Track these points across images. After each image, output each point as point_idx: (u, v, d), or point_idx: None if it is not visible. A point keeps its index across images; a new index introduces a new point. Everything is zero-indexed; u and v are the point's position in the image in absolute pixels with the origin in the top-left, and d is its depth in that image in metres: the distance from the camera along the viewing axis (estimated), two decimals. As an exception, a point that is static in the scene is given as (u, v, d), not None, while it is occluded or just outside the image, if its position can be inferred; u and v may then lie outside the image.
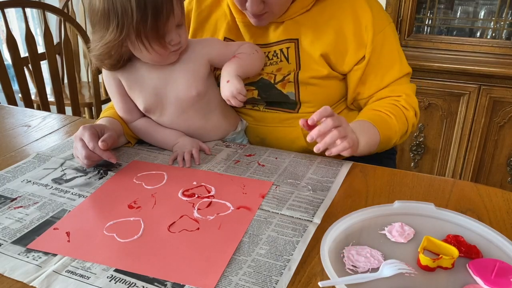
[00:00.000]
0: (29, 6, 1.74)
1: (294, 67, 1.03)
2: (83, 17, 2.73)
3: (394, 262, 0.63)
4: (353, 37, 0.99)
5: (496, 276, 0.61)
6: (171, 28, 0.87)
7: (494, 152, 1.94)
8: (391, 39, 1.02)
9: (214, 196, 0.82)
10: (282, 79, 1.03)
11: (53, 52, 1.77)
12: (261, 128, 1.09)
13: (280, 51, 1.03)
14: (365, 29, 0.98)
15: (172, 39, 0.88)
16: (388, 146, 1.00)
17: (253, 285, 0.61)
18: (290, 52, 1.02)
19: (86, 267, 0.65)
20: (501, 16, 1.92)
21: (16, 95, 1.69)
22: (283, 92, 1.03)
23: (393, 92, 1.02)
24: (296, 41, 1.02)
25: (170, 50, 0.90)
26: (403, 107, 1.00)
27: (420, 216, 0.75)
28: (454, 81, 1.86)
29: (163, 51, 0.89)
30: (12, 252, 0.68)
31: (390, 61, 1.01)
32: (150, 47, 0.87)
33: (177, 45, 0.91)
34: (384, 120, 0.97)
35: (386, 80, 1.02)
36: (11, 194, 0.84)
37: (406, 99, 1.01)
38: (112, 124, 0.99)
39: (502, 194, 0.83)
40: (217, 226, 0.74)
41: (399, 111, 1.00)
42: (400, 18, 1.96)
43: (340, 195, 0.83)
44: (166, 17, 0.84)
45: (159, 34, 0.85)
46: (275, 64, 1.04)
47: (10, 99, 1.64)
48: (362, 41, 0.99)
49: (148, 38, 0.85)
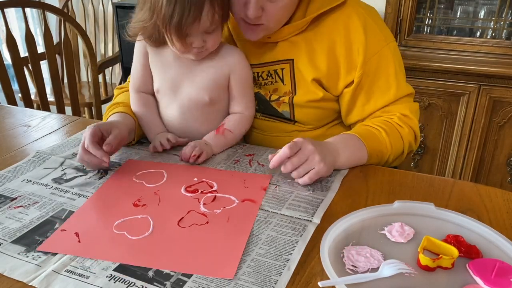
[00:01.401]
0: (29, 6, 1.74)
1: (290, 89, 1.01)
2: (83, 17, 2.73)
3: (394, 262, 0.63)
4: (344, 60, 0.95)
5: (496, 276, 0.60)
6: (195, 32, 0.88)
7: (494, 152, 1.94)
8: (387, 61, 0.97)
9: (217, 191, 0.84)
10: (277, 99, 1.03)
11: (53, 52, 1.77)
12: (259, 135, 1.10)
13: (274, 72, 1.02)
14: (356, 51, 0.94)
15: (194, 42, 0.90)
16: (381, 161, 0.96)
17: (252, 285, 0.61)
18: (285, 73, 1.01)
19: (85, 267, 0.65)
20: (501, 16, 1.92)
21: (16, 95, 1.69)
22: (278, 110, 1.04)
23: (386, 112, 0.99)
24: (291, 62, 1.00)
25: (191, 51, 0.91)
26: (396, 124, 0.96)
27: (420, 216, 0.75)
28: (454, 81, 1.86)
29: (183, 49, 0.91)
30: (11, 251, 0.68)
31: (385, 84, 0.97)
32: (173, 41, 0.89)
33: (199, 49, 0.92)
34: (372, 133, 0.94)
35: (379, 103, 0.98)
36: (11, 193, 0.83)
37: (400, 117, 0.97)
38: (125, 119, 0.99)
39: (502, 194, 0.83)
40: (225, 219, 0.75)
41: (392, 126, 0.96)
42: (400, 18, 1.96)
43: (340, 195, 0.83)
44: (192, 21, 0.85)
45: (181, 34, 0.87)
46: (271, 85, 1.04)
47: (10, 99, 1.64)
48: (352, 64, 0.96)
49: (171, 33, 0.87)
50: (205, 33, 0.89)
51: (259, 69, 1.03)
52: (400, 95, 0.98)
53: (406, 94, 0.99)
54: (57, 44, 2.05)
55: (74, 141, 1.04)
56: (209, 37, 0.91)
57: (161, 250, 0.68)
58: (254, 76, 1.04)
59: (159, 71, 1.01)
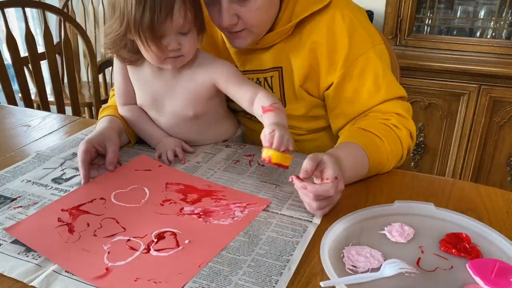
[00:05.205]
0: (29, 6, 1.74)
1: (279, 98, 0.99)
2: (83, 17, 2.73)
3: (395, 262, 0.63)
4: (325, 61, 0.93)
5: (496, 276, 0.60)
6: (169, 32, 0.84)
7: (494, 152, 1.94)
8: (374, 63, 0.93)
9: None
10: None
11: (53, 52, 1.77)
12: (256, 136, 1.09)
13: (264, 80, 1.00)
14: (338, 53, 0.92)
15: (170, 44, 0.85)
16: (379, 172, 0.90)
17: (253, 285, 0.61)
18: (274, 81, 0.99)
19: (85, 267, 0.65)
20: (501, 16, 1.92)
21: (16, 95, 1.69)
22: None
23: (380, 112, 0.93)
24: (280, 69, 0.97)
25: (167, 54, 0.87)
26: (394, 126, 0.91)
27: (420, 216, 0.75)
28: (454, 81, 1.86)
29: (159, 54, 0.86)
30: (11, 251, 0.68)
31: (374, 86, 0.93)
32: (148, 46, 0.85)
33: (175, 52, 0.87)
34: (376, 145, 0.88)
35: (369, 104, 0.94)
36: (11, 194, 0.83)
37: (397, 118, 0.92)
38: (112, 123, 0.99)
39: (502, 194, 0.83)
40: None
41: (391, 131, 0.90)
42: (400, 18, 1.96)
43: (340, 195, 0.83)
44: (164, 18, 0.82)
45: (155, 35, 0.83)
46: None
47: (10, 99, 1.64)
48: (332, 66, 0.93)
49: (145, 35, 0.83)
50: (179, 35, 0.86)
51: (250, 76, 1.01)
52: (391, 96, 0.94)
53: (398, 96, 0.95)
54: (57, 44, 2.05)
55: (74, 141, 1.04)
56: (184, 40, 0.86)
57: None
58: None
59: (139, 88, 0.98)
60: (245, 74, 1.00)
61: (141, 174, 0.90)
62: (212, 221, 0.75)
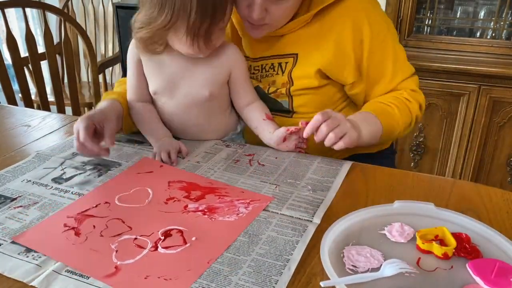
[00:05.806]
0: (29, 6, 1.74)
1: (287, 80, 1.02)
2: (83, 17, 2.73)
3: (395, 262, 0.63)
4: (352, 52, 0.98)
5: (496, 276, 0.60)
6: (218, 29, 0.90)
7: (494, 152, 1.94)
8: (391, 45, 1.01)
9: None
10: (275, 91, 1.04)
11: (53, 52, 1.77)
12: (255, 134, 1.10)
13: (278, 65, 1.03)
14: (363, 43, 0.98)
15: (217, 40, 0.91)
16: (391, 137, 1.04)
17: (253, 285, 0.61)
18: (287, 66, 1.02)
19: (86, 267, 0.65)
20: (501, 16, 1.92)
21: (16, 95, 1.69)
22: (277, 100, 1.05)
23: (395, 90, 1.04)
24: (295, 56, 1.01)
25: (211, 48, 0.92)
26: (405, 99, 1.02)
27: (420, 216, 0.75)
28: (454, 81, 1.86)
29: (204, 48, 0.91)
30: (11, 251, 0.68)
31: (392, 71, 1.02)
32: (197, 44, 0.88)
33: (216, 45, 0.93)
34: (386, 111, 0.99)
35: (393, 83, 1.03)
36: (11, 194, 0.83)
37: (410, 93, 1.03)
38: (113, 105, 1.00)
39: (502, 194, 0.83)
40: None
41: (402, 102, 1.01)
42: (400, 18, 1.96)
43: (340, 195, 0.83)
44: (219, 20, 0.87)
45: (209, 35, 0.88)
46: (270, 77, 1.05)
47: (10, 99, 1.64)
48: (359, 56, 0.99)
49: (198, 36, 0.87)
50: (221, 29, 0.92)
51: (264, 62, 1.04)
52: (406, 75, 1.04)
53: (411, 73, 1.05)
54: (57, 44, 2.05)
55: (74, 141, 1.04)
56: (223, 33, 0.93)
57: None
58: (257, 69, 1.06)
59: (155, 72, 1.00)
60: (261, 60, 1.04)
61: (143, 176, 0.90)
62: (217, 217, 0.76)
